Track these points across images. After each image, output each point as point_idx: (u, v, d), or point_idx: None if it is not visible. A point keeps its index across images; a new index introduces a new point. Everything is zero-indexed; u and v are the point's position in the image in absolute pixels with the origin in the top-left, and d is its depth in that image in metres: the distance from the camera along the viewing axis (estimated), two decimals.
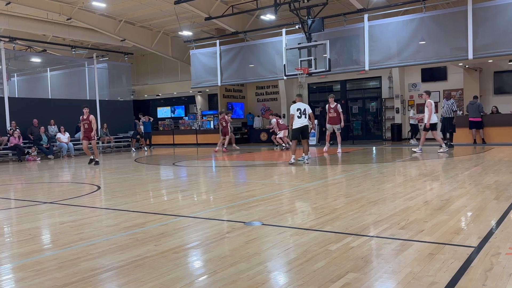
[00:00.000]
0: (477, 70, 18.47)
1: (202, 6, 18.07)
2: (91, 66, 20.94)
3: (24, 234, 4.58)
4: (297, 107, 10.60)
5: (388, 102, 20.74)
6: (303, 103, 10.91)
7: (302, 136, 10.75)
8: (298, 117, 10.53)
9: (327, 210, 5.16)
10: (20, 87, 21.81)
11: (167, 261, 3.46)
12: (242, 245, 3.84)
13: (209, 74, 20.01)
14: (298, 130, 10.59)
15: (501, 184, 6.60)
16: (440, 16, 15.05)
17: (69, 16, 18.75)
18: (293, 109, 10.66)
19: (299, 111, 10.54)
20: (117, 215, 5.42)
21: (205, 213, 5.35)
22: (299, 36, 17.05)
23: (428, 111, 12.34)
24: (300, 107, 10.60)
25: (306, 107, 10.69)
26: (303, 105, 10.74)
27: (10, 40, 18.66)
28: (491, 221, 4.38)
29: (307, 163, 10.69)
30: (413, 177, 8.07)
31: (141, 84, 28.16)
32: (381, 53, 15.87)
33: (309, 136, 11.21)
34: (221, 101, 23.36)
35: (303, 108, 10.59)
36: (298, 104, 10.71)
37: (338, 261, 3.29)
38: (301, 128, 10.57)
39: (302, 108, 10.58)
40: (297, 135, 10.69)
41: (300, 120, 10.54)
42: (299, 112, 10.53)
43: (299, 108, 10.58)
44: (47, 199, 6.90)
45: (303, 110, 10.56)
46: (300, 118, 10.53)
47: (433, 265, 3.13)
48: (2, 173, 11.80)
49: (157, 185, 8.52)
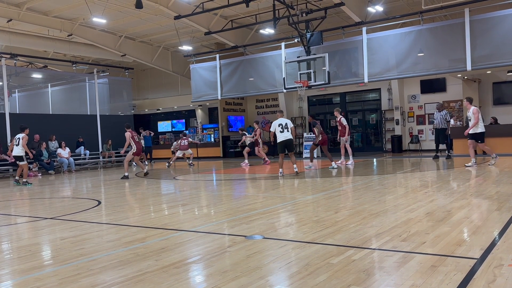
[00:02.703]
0: (476, 81, 18.54)
1: (202, 21, 18.24)
2: (91, 81, 21.05)
3: (25, 250, 4.56)
4: (278, 122, 11.23)
5: (388, 114, 20.79)
6: (284, 118, 11.52)
7: (288, 149, 11.32)
8: (280, 131, 11.12)
9: (329, 222, 5.14)
10: (21, 103, 21.90)
11: (168, 276, 3.44)
12: (243, 259, 3.82)
13: (209, 88, 20.11)
14: (282, 144, 11.15)
15: (503, 194, 6.58)
16: (438, 28, 15.18)
17: (70, 32, 18.93)
18: (274, 125, 11.28)
19: (280, 126, 11.14)
20: (118, 230, 5.40)
21: (206, 227, 5.33)
22: (298, 49, 17.18)
23: (474, 119, 11.43)
24: (282, 122, 11.21)
25: (287, 122, 11.32)
26: (285, 120, 11.35)
27: (12, 57, 18.81)
28: (493, 232, 4.36)
29: (295, 173, 11.22)
30: (414, 188, 8.05)
31: (142, 98, 28.28)
32: (380, 65, 15.98)
33: (293, 149, 11.79)
34: (221, 115, 23.43)
35: (285, 123, 11.20)
36: (280, 119, 11.32)
37: (340, 275, 3.27)
38: (285, 142, 11.13)
39: (283, 123, 11.17)
40: (282, 149, 11.25)
41: (283, 134, 11.11)
42: (281, 127, 11.11)
43: (280, 123, 11.20)
44: (48, 214, 6.88)
45: (285, 125, 11.15)
46: (283, 133, 11.11)
47: (436, 278, 3.11)
48: (3, 189, 11.78)
49: (157, 200, 8.50)
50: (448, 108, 18.78)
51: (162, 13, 17.63)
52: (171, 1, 16.56)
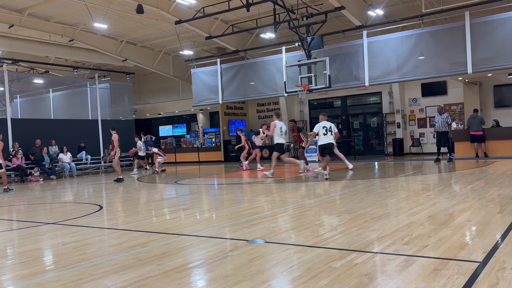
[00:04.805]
0: (477, 84, 18.54)
1: (203, 26, 18.30)
2: (93, 86, 21.10)
3: (26, 255, 4.56)
4: (322, 125, 10.92)
5: (389, 117, 20.79)
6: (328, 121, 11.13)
7: (326, 152, 11.00)
8: (324, 134, 10.83)
9: (330, 226, 5.14)
10: (23, 108, 21.95)
11: (170, 281, 3.43)
12: (245, 263, 3.81)
13: (210, 92, 20.15)
14: (322, 146, 10.90)
15: (505, 197, 6.57)
16: (438, 31, 15.21)
17: (71, 38, 18.99)
18: (318, 127, 10.95)
19: (325, 129, 10.84)
20: (120, 235, 5.40)
21: (207, 232, 5.32)
22: (299, 53, 17.22)
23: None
24: (326, 125, 10.91)
25: (332, 126, 11.01)
26: (329, 123, 11.03)
27: (13, 62, 18.86)
28: (496, 235, 4.34)
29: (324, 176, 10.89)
30: (416, 192, 8.04)
31: (143, 103, 28.33)
32: (381, 68, 16.00)
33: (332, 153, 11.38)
34: (222, 119, 23.46)
35: (329, 126, 10.90)
36: (324, 122, 11.00)
37: (342, 278, 3.26)
38: (324, 145, 10.85)
39: (328, 126, 10.89)
40: (322, 152, 10.96)
41: (326, 138, 10.83)
42: (325, 130, 10.83)
43: (325, 126, 10.89)
44: (50, 219, 6.88)
45: (329, 128, 10.86)
46: (326, 135, 10.82)
47: (438, 281, 3.10)
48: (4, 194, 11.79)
49: (159, 204, 8.50)
50: (449, 111, 18.78)
51: (163, 18, 17.69)
52: (172, 6, 16.62)
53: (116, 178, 13.69)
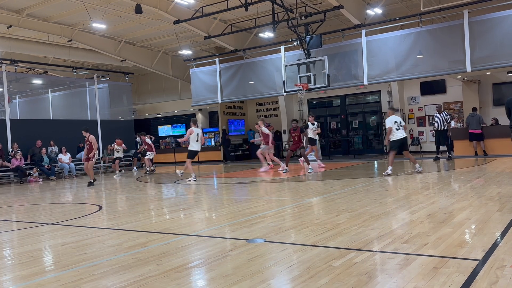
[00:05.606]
0: (476, 83, 18.55)
1: (201, 26, 18.28)
2: (92, 86, 21.09)
3: (26, 256, 4.56)
4: (394, 120, 10.60)
5: None
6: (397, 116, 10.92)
7: (404, 148, 10.79)
8: (397, 129, 10.55)
9: (330, 225, 5.14)
10: (22, 109, 21.94)
11: (169, 281, 3.43)
12: (245, 263, 3.81)
13: (209, 92, 20.14)
14: (399, 141, 10.59)
15: (504, 195, 6.57)
16: (437, 30, 15.21)
17: (70, 38, 18.96)
18: (390, 121, 10.62)
19: (396, 124, 10.55)
20: (119, 235, 5.40)
21: (207, 231, 5.32)
22: (297, 52, 17.21)
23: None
24: (397, 119, 10.63)
25: (401, 120, 10.78)
26: (399, 117, 10.79)
27: (12, 63, 18.85)
28: (495, 233, 4.35)
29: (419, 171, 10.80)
30: (415, 190, 8.04)
31: (142, 103, 28.31)
32: (380, 67, 15.99)
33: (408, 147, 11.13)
34: (221, 118, 23.46)
35: (399, 120, 10.66)
36: (394, 117, 10.70)
37: (342, 277, 3.27)
38: (401, 140, 10.59)
39: (398, 121, 10.62)
40: (398, 147, 10.66)
41: (400, 132, 10.56)
42: (397, 125, 10.54)
43: (396, 121, 10.59)
44: (49, 220, 6.88)
45: (400, 122, 10.61)
46: (399, 130, 10.55)
47: (438, 279, 3.10)
48: (4, 195, 11.78)
49: (158, 204, 8.50)
50: (448, 110, 18.78)
51: (161, 18, 17.67)
52: (171, 6, 16.61)
53: (89, 182, 12.86)
